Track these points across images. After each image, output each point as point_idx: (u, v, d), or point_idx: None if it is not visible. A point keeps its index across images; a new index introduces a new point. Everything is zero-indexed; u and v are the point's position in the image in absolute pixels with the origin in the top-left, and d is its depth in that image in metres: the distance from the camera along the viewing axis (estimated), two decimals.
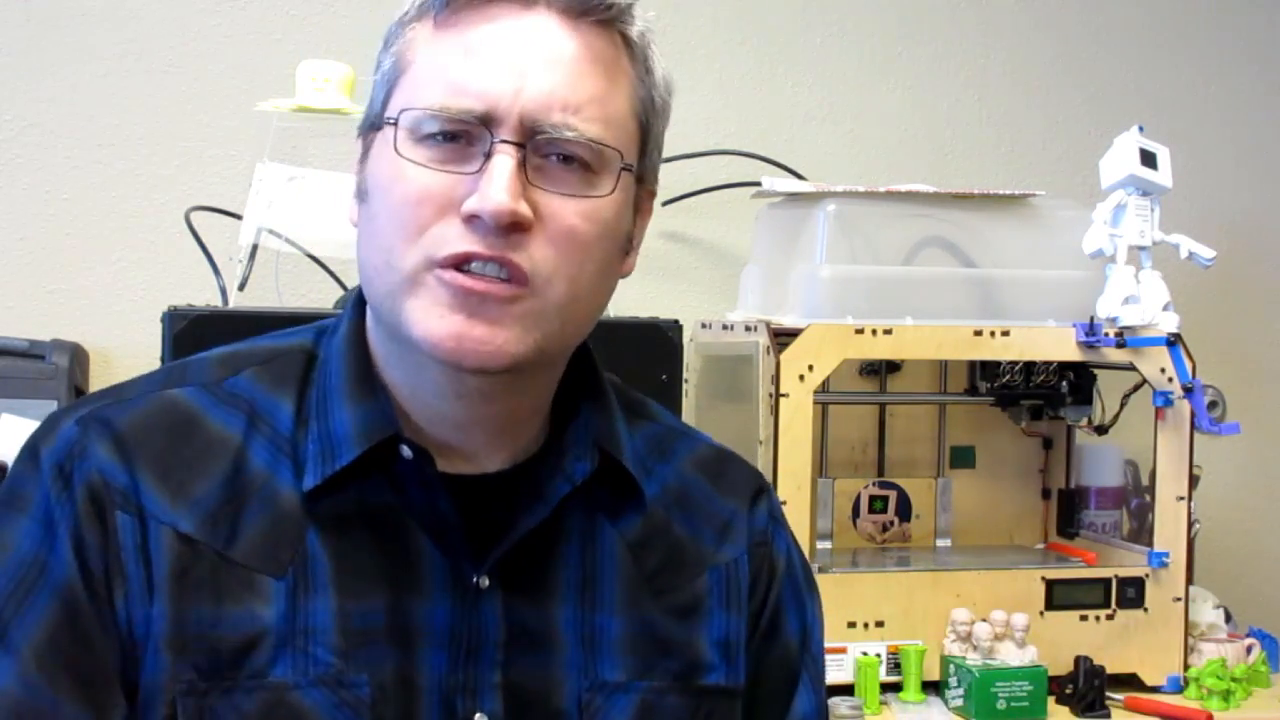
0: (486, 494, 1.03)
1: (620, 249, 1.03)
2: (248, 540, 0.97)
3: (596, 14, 0.98)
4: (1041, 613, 1.99)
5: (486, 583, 1.00)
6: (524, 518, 1.02)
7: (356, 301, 1.06)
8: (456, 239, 0.94)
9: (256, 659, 0.96)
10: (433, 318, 0.95)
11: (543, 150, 0.95)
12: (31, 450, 0.99)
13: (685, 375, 2.08)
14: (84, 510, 0.96)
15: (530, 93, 0.95)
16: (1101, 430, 2.16)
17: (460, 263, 0.94)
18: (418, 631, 0.99)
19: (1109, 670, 1.96)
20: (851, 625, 1.93)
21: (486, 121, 0.95)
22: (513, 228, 0.94)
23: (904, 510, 2.23)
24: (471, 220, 0.94)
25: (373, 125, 1.01)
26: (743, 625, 1.10)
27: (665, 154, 1.08)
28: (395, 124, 0.96)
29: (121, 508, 0.96)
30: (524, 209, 0.93)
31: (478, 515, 1.01)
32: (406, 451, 0.99)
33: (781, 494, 1.87)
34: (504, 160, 0.94)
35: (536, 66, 0.95)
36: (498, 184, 0.93)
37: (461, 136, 0.95)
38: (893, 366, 2.22)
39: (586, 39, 0.98)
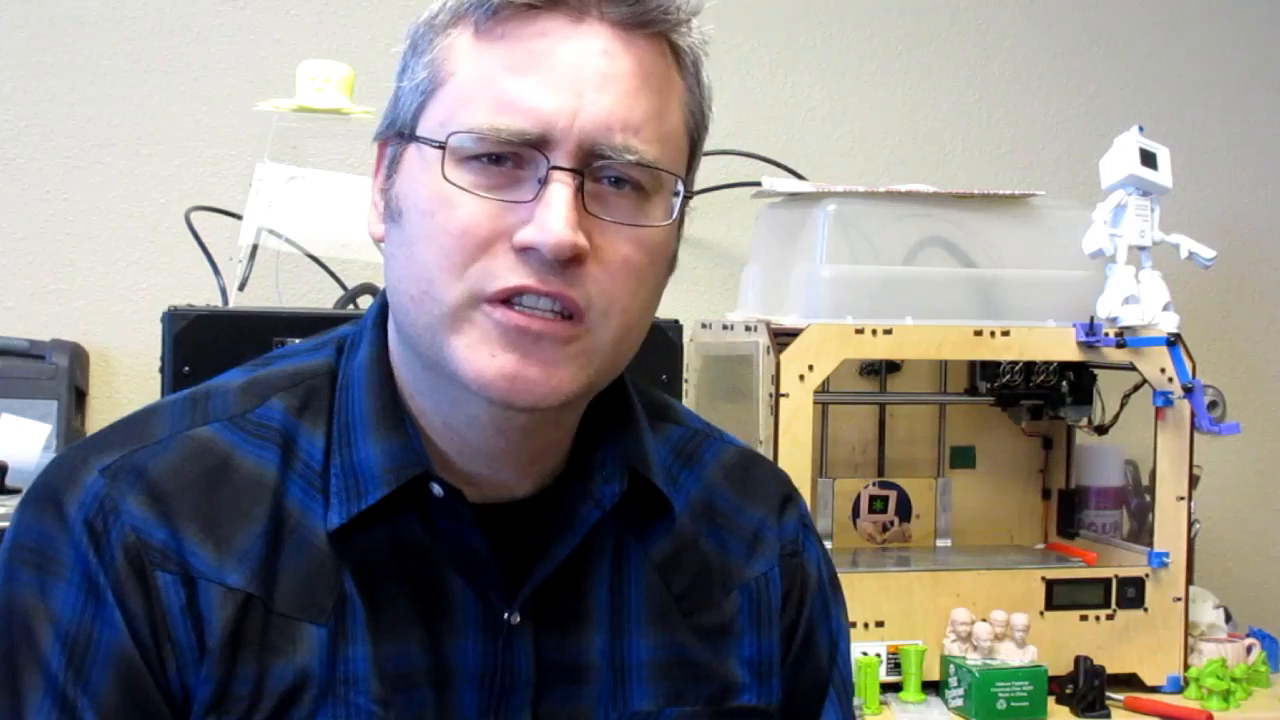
0: (515, 522, 0.98)
1: (669, 269, 0.99)
2: (289, 586, 0.93)
3: (654, 26, 0.93)
4: (1041, 613, 1.99)
5: (518, 619, 0.97)
6: (553, 548, 0.98)
7: (377, 321, 1.00)
8: (507, 272, 0.89)
9: (298, 711, 0.92)
10: (482, 356, 0.90)
11: (598, 175, 0.90)
12: (53, 502, 0.93)
13: (685, 375, 2.08)
14: (123, 572, 0.90)
15: (589, 113, 0.89)
16: (1101, 430, 2.16)
17: (511, 296, 0.89)
18: (452, 672, 0.96)
19: (1109, 670, 1.96)
20: (851, 625, 1.93)
21: (540, 144, 0.89)
22: (570, 261, 0.88)
23: (904, 510, 2.23)
24: (525, 251, 0.88)
25: (400, 134, 0.95)
26: (774, 642, 1.08)
27: None
28: (443, 147, 0.90)
29: (162, 567, 0.91)
30: (583, 241, 0.88)
31: (507, 545, 0.97)
32: (438, 490, 0.94)
33: None
34: (561, 189, 0.88)
35: (593, 85, 0.89)
36: (557, 215, 0.87)
37: (509, 158, 0.90)
38: (893, 366, 2.22)
39: (640, 53, 0.92)
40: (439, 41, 0.93)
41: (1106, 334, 2.02)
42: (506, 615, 0.97)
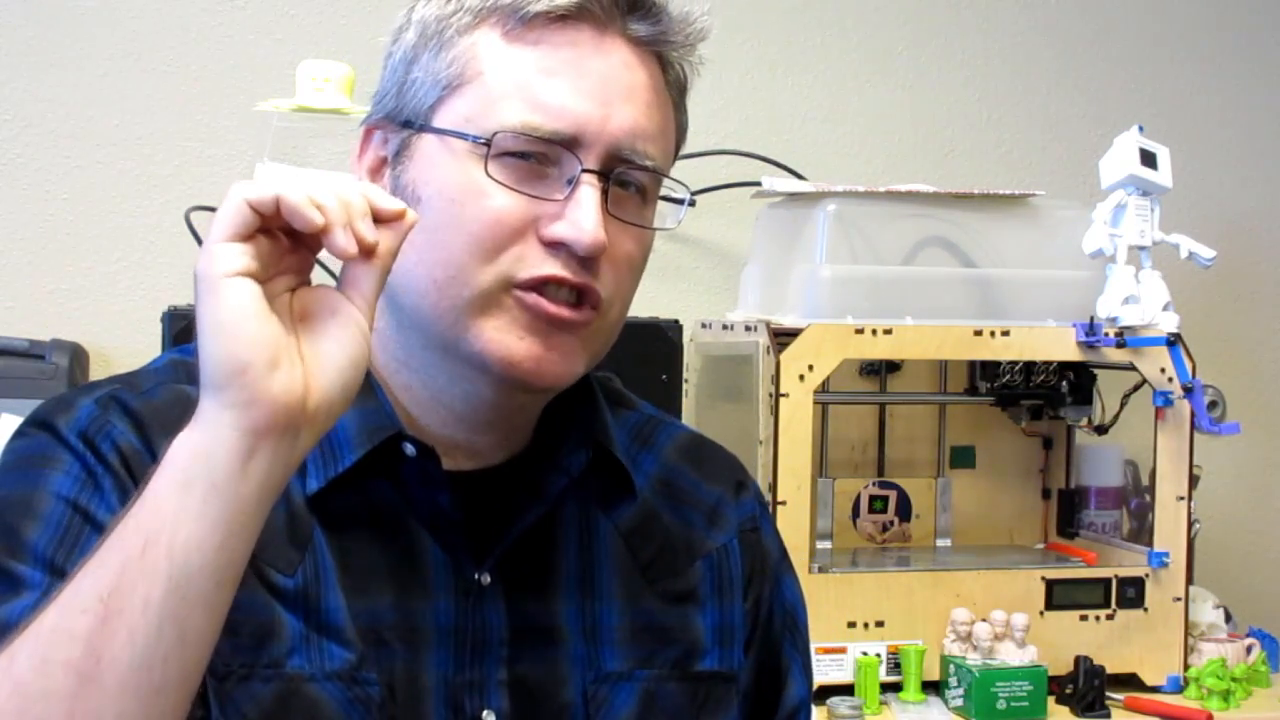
0: (485, 489, 1.03)
1: None
2: (261, 536, 0.95)
3: (668, 47, 1.01)
4: (1041, 613, 1.99)
5: (488, 579, 1.00)
6: (523, 512, 1.02)
7: None
8: (538, 260, 0.95)
9: (275, 649, 0.95)
10: (510, 339, 0.96)
11: (619, 179, 0.98)
12: (42, 424, 0.97)
13: (685, 375, 2.08)
14: (119, 471, 0.94)
15: (617, 121, 0.96)
16: (1101, 430, 2.16)
17: (541, 284, 0.96)
18: (423, 631, 0.99)
19: (1109, 670, 1.96)
20: (851, 625, 1.93)
21: (571, 145, 0.96)
22: (591, 257, 0.96)
23: (904, 510, 2.23)
24: (554, 246, 0.95)
25: (405, 123, 0.99)
26: (735, 611, 1.11)
27: None
28: (487, 144, 0.95)
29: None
30: (606, 238, 0.96)
31: (477, 511, 1.01)
32: (410, 449, 0.99)
33: (781, 494, 1.87)
34: (592, 191, 0.95)
35: (619, 95, 0.97)
36: (590, 216, 0.94)
37: (534, 156, 0.96)
38: (893, 366, 2.22)
39: (649, 68, 1.00)
40: (462, 40, 0.98)
41: (1106, 334, 2.02)
42: (478, 575, 1.00)
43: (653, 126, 0.99)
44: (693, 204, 1.04)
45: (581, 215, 0.94)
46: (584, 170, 0.95)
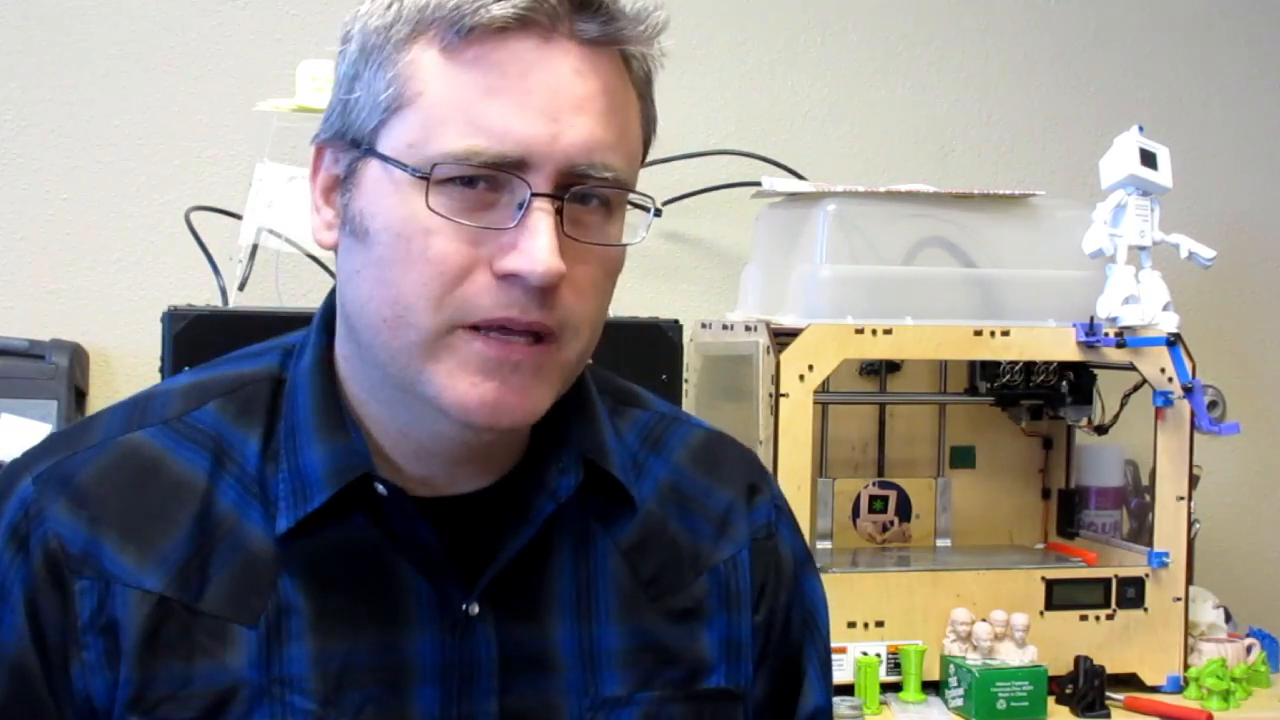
0: (470, 514, 0.99)
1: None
2: (217, 588, 0.94)
3: (623, 44, 0.93)
4: (1041, 613, 1.99)
5: (476, 609, 0.97)
6: (509, 539, 0.98)
7: (322, 325, 1.00)
8: (489, 302, 0.89)
9: (231, 715, 0.92)
10: (462, 384, 0.90)
11: (577, 195, 0.91)
12: None
13: (685, 375, 2.08)
14: (40, 578, 0.92)
15: (568, 137, 0.89)
16: (1101, 430, 2.16)
17: (492, 328, 0.90)
18: (407, 667, 0.96)
19: (1109, 670, 1.96)
20: (851, 625, 1.93)
21: (518, 167, 0.88)
22: (548, 287, 0.89)
23: (904, 510, 2.23)
24: (507, 278, 0.89)
25: (354, 143, 0.93)
26: (744, 626, 1.07)
27: (666, 154, 1.05)
28: (426, 178, 0.88)
29: (79, 574, 0.92)
30: (564, 267, 0.89)
31: (463, 538, 0.98)
32: (381, 489, 0.95)
33: None
34: (544, 217, 0.88)
35: (569, 107, 0.90)
36: (544, 245, 0.88)
37: (482, 180, 0.89)
38: (893, 366, 2.22)
39: (604, 71, 0.92)
40: (400, 57, 0.91)
41: (1106, 334, 2.02)
42: (465, 606, 0.97)
43: (610, 135, 0.91)
44: (659, 214, 0.96)
45: (534, 244, 0.88)
46: (534, 194, 0.88)
